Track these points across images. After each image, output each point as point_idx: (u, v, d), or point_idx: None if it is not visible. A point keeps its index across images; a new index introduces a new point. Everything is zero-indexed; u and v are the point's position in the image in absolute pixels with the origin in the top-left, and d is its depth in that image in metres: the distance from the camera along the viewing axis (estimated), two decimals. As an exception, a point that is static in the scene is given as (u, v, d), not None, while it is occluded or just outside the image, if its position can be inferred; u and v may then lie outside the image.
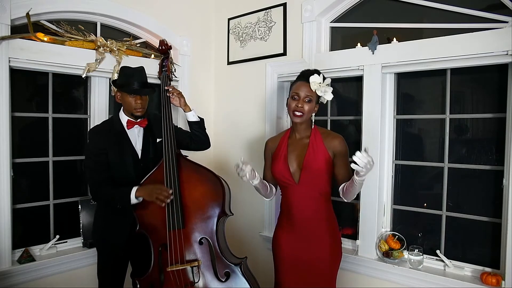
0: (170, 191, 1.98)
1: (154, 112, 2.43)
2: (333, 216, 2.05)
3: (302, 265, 1.99)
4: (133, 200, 2.00)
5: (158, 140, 2.22)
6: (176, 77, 2.34)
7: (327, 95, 1.95)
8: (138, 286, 2.08)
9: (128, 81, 2.09)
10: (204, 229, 2.06)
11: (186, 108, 2.24)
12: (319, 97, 1.97)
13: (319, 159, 1.94)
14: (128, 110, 2.14)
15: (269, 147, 2.14)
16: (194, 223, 2.07)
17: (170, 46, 2.29)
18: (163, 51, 2.27)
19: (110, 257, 2.18)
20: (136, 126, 2.17)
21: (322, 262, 1.98)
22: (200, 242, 2.06)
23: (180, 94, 2.23)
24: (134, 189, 2.00)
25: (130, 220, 2.12)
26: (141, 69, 2.15)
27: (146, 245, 2.10)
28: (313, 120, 2.02)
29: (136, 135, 2.19)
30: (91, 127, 2.22)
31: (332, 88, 1.96)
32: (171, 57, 2.32)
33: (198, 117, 2.28)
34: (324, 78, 1.96)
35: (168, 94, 2.19)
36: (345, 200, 1.98)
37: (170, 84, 2.27)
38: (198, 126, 2.28)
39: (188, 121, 2.27)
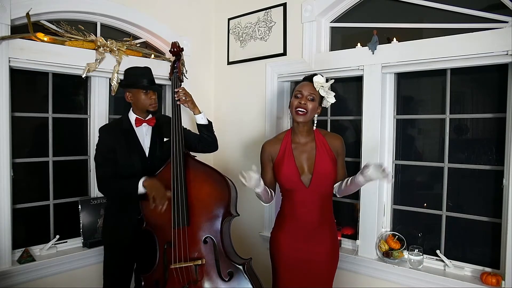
0: (165, 206, 2.00)
1: (163, 114, 2.46)
2: (333, 217, 2.07)
3: (301, 266, 1.99)
4: (140, 188, 2.03)
5: (165, 139, 2.26)
6: (187, 78, 2.36)
7: (330, 98, 1.96)
8: (143, 283, 2.11)
9: (138, 79, 2.17)
10: (209, 228, 2.08)
11: (195, 110, 2.25)
12: (322, 98, 1.97)
13: (328, 162, 1.95)
14: (142, 108, 2.21)
15: (268, 151, 2.04)
16: (199, 221, 2.09)
17: (182, 48, 2.30)
18: (175, 53, 2.28)
19: (119, 254, 2.19)
20: (144, 124, 2.24)
21: (321, 263, 1.99)
22: (205, 241, 2.08)
23: (185, 97, 2.20)
24: (143, 178, 2.05)
25: (138, 216, 2.15)
26: (148, 68, 2.24)
27: (152, 242, 2.13)
28: (315, 122, 2.02)
29: (144, 134, 2.25)
30: (101, 125, 2.29)
31: (334, 93, 1.98)
32: (183, 59, 2.33)
33: (207, 119, 2.30)
34: (327, 81, 1.97)
35: (175, 97, 2.19)
36: (338, 196, 2.06)
37: (180, 85, 2.28)
38: (206, 129, 2.29)
39: (196, 124, 2.29)
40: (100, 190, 2.24)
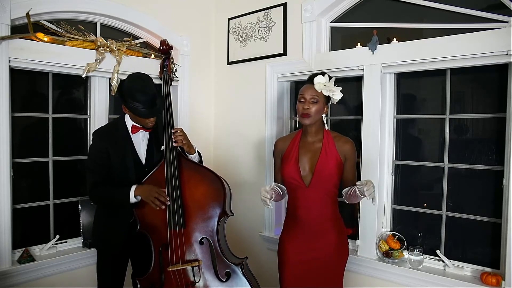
0: (168, 198, 1.99)
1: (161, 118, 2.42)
2: (339, 216, 2.07)
3: (307, 266, 1.99)
4: (132, 199, 2.00)
5: (162, 147, 2.15)
6: (177, 77, 2.34)
7: (336, 95, 1.97)
8: (139, 286, 2.09)
9: (135, 102, 1.97)
10: (204, 229, 2.07)
11: (191, 150, 2.20)
12: (327, 98, 1.98)
13: (331, 163, 1.95)
14: (138, 123, 2.12)
15: (279, 148, 2.12)
16: (194, 223, 2.07)
17: (171, 46, 2.30)
18: (164, 51, 2.27)
19: (110, 257, 2.17)
20: (141, 130, 2.16)
21: (327, 262, 1.99)
22: (201, 242, 2.07)
23: (183, 139, 2.13)
24: (134, 187, 2.01)
25: (130, 220, 2.13)
26: (148, 83, 2.03)
27: (147, 245, 2.11)
28: (326, 122, 2.04)
29: (140, 140, 2.18)
30: (96, 128, 2.22)
31: (340, 88, 1.98)
32: (172, 57, 2.33)
33: (198, 152, 2.26)
34: (330, 78, 1.98)
35: (172, 137, 2.11)
36: (347, 202, 2.04)
37: (171, 84, 2.26)
38: None
39: None
40: (90, 198, 2.17)
